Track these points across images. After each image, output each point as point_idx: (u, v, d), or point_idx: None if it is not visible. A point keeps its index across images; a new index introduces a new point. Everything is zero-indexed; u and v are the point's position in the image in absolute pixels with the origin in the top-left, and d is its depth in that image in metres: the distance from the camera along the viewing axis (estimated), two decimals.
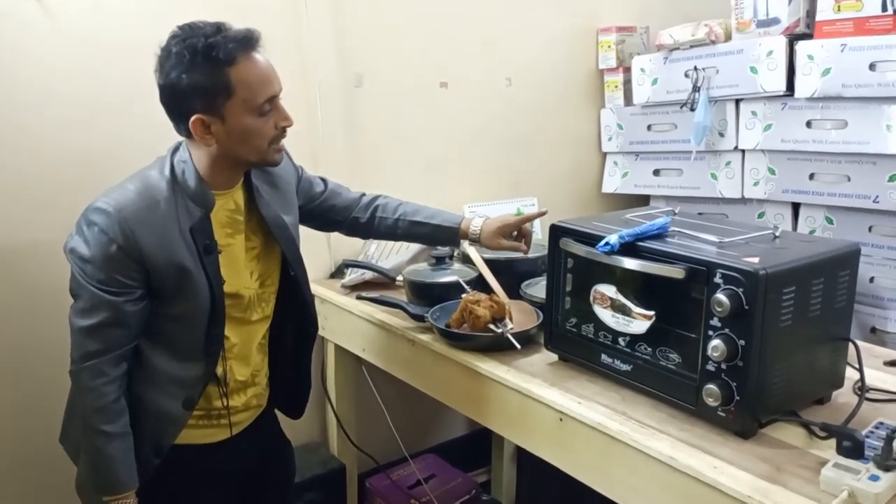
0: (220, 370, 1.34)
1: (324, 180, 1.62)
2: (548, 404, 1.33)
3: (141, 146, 1.45)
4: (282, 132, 1.30)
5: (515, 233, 1.63)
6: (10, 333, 1.68)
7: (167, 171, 1.26)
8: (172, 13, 1.34)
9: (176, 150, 1.30)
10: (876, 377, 1.38)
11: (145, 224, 1.20)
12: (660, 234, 1.31)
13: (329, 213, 1.61)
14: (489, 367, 1.47)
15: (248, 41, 1.22)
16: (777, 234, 1.31)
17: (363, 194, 1.66)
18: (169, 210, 1.23)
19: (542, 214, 1.43)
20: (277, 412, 1.58)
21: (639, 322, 1.29)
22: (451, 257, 1.82)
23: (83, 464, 1.31)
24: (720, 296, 1.13)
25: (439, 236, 1.65)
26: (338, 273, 2.10)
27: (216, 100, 1.20)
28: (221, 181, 1.30)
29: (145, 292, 1.24)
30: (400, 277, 1.90)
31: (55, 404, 1.41)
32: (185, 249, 1.24)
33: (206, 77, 1.19)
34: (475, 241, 1.62)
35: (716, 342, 1.15)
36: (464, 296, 1.58)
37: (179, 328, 1.29)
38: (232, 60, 1.19)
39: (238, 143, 1.25)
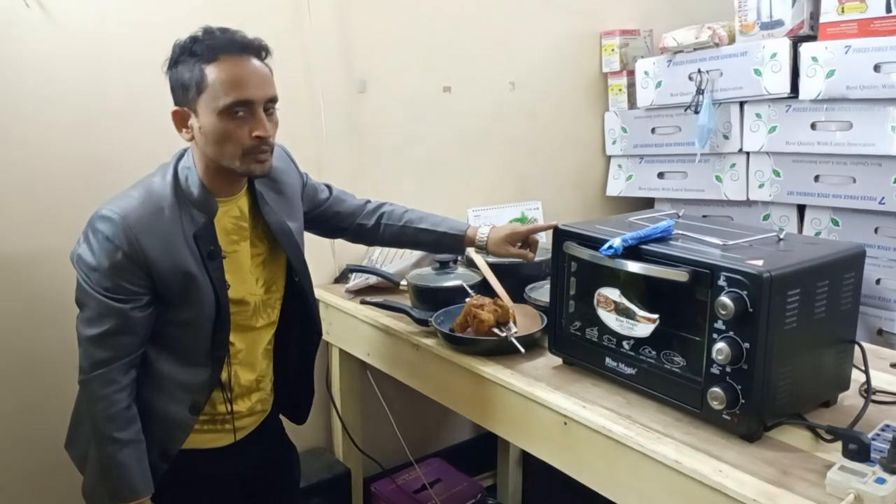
0: (224, 375, 1.34)
1: (329, 187, 1.62)
2: (552, 408, 1.33)
3: (144, 154, 1.46)
4: (259, 142, 1.24)
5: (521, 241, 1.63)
6: (14, 339, 1.69)
7: (170, 178, 1.27)
8: (174, 22, 1.35)
9: (181, 156, 1.31)
10: (882, 379, 1.38)
11: (150, 231, 1.21)
12: (663, 237, 1.31)
13: (334, 219, 1.61)
14: (493, 371, 1.47)
15: (240, 45, 1.23)
16: (781, 236, 1.30)
17: (368, 201, 1.66)
18: (173, 216, 1.24)
19: (551, 227, 1.43)
20: (282, 417, 1.59)
21: (643, 325, 1.29)
22: (454, 261, 1.82)
23: (92, 471, 1.31)
24: (724, 299, 1.13)
25: (445, 243, 1.64)
26: (342, 278, 2.10)
27: (189, 93, 1.22)
28: (222, 187, 1.30)
29: (152, 299, 1.25)
30: (404, 282, 1.90)
31: (60, 410, 1.42)
32: (190, 255, 1.24)
33: (185, 71, 1.22)
34: (482, 248, 1.62)
35: (720, 345, 1.15)
36: (468, 300, 1.58)
37: (185, 334, 1.29)
38: (211, 58, 1.20)
39: (210, 143, 1.24)
